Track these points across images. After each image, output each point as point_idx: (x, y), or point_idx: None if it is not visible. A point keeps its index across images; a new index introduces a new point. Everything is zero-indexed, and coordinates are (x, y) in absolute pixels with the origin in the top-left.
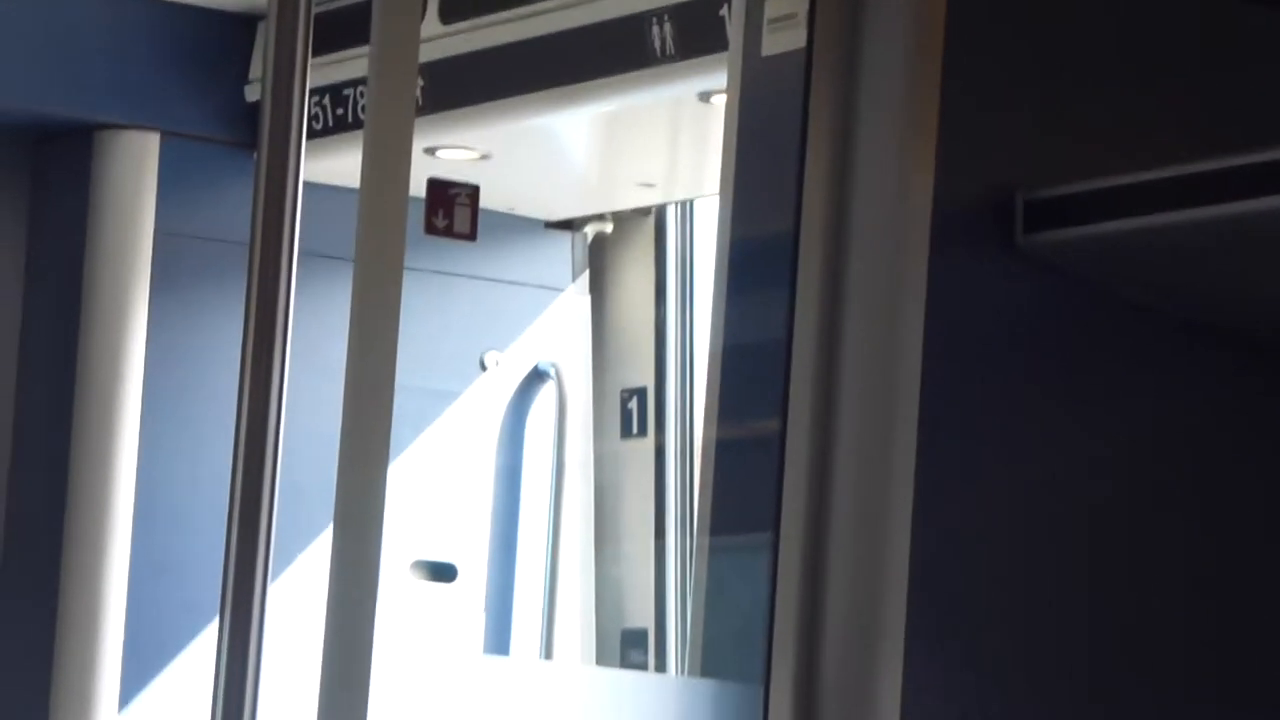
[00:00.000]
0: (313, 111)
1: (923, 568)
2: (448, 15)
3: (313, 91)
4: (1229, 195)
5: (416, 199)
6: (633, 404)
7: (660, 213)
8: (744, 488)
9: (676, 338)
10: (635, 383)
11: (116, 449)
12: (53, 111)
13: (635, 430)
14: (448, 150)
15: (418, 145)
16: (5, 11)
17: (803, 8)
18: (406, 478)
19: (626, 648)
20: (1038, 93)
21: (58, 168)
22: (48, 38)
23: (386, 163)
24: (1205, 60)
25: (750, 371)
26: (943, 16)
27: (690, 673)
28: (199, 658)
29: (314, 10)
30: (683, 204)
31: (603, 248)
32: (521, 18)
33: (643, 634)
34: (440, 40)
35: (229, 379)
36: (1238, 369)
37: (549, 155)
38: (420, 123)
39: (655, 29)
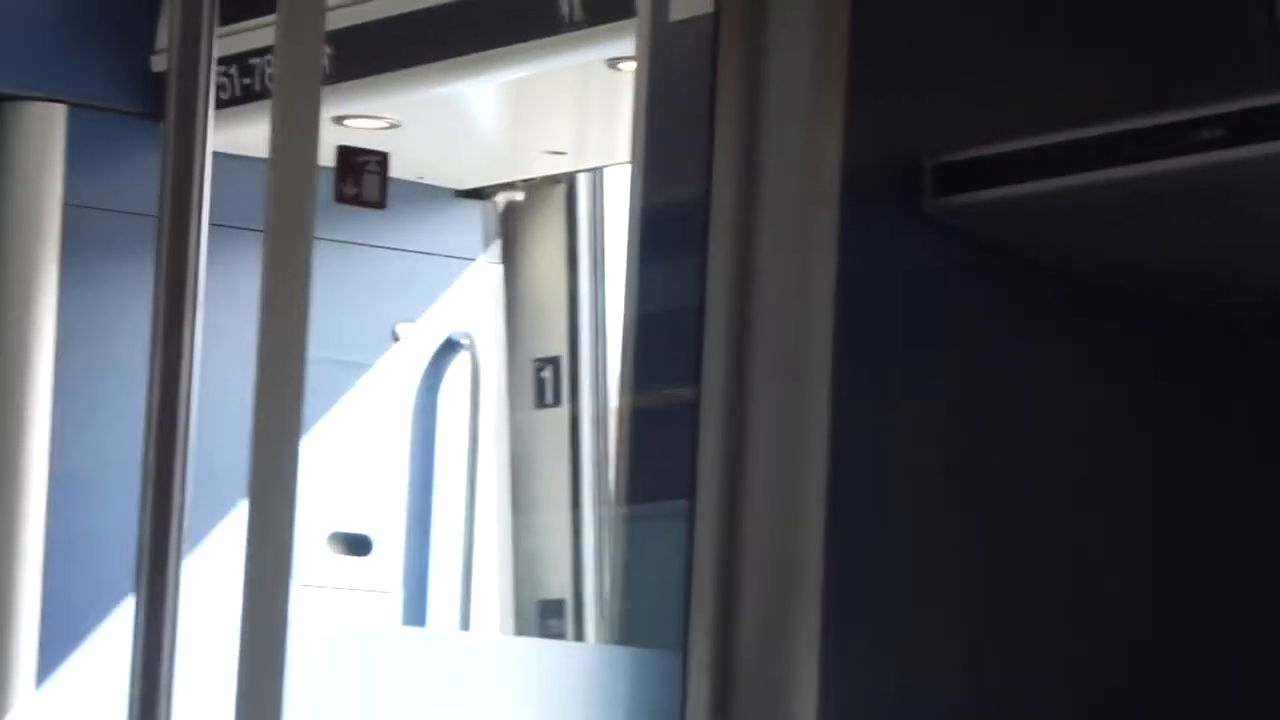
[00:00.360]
0: (220, 81)
1: (840, 533)
2: None
3: (220, 61)
4: (1134, 158)
5: (326, 168)
6: (547, 373)
7: (571, 181)
8: (659, 456)
9: (590, 306)
10: (549, 352)
11: (29, 423)
12: None
13: (549, 399)
14: (356, 119)
15: (326, 114)
16: None
17: None
18: (321, 450)
19: (544, 617)
20: (945, 56)
21: None
22: None
23: (295, 132)
24: (1110, 23)
25: (663, 339)
26: None
27: (607, 641)
28: (115, 634)
29: None
30: (594, 172)
31: (514, 216)
32: None
33: (560, 603)
34: (348, 8)
35: (140, 352)
36: (1144, 330)
37: (458, 123)
38: (328, 91)
39: None
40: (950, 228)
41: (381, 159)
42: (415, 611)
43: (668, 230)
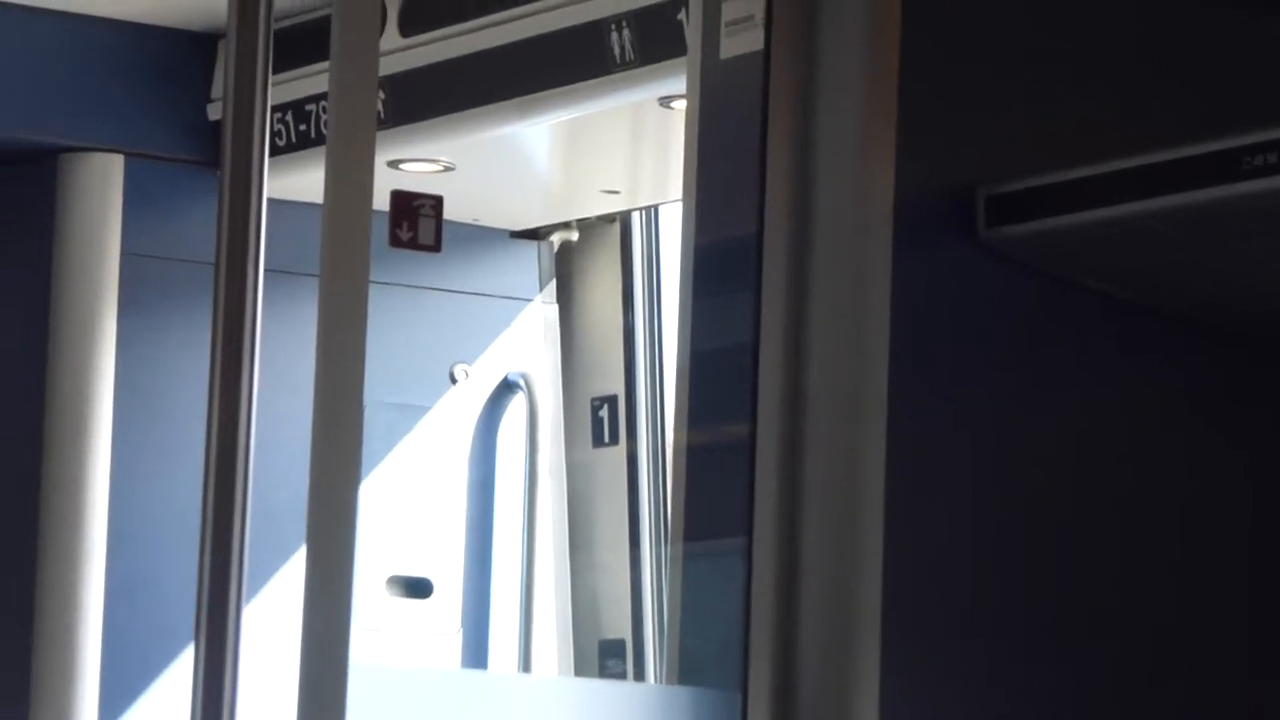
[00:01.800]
0: (275, 128)
1: (896, 567)
2: (407, 27)
3: (275, 108)
4: (1183, 186)
5: (380, 212)
6: (604, 412)
7: (626, 219)
8: (717, 493)
9: (645, 344)
10: (605, 390)
11: (88, 471)
12: (15, 135)
13: (607, 438)
14: (411, 163)
15: (380, 159)
16: None
17: (760, 10)
18: (379, 493)
19: (604, 658)
20: (994, 88)
21: (22, 191)
22: (8, 61)
23: (349, 176)
24: (1158, 52)
25: (718, 376)
26: (899, 15)
27: (668, 681)
28: (176, 680)
29: (274, 27)
30: (648, 210)
31: (569, 256)
32: (480, 28)
33: (620, 643)
34: (400, 53)
35: (200, 398)
36: (1196, 355)
37: (512, 165)
38: (382, 136)
39: (614, 35)
40: (1003, 257)
41: (436, 203)
42: (476, 653)
43: (721, 266)
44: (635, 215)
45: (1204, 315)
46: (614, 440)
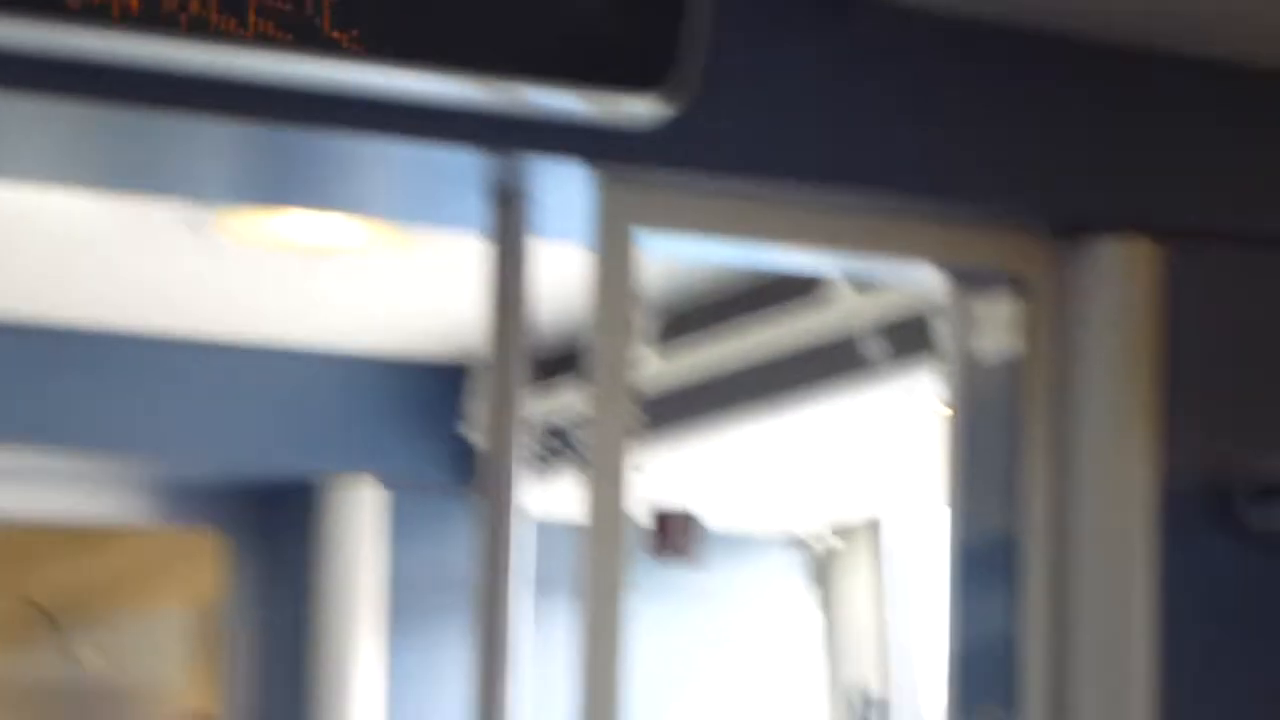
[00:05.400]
0: (534, 450)
1: None
2: (663, 347)
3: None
4: None
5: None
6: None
7: (877, 524)
8: None
9: (901, 640)
10: (863, 683)
11: None
12: (280, 467)
13: None
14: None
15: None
16: (237, 376)
17: (1014, 316)
18: None
19: None
20: (1254, 376)
21: (288, 519)
22: (274, 399)
23: (607, 491)
24: None
25: (984, 670)
26: (1155, 311)
27: None
28: None
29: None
30: (900, 513)
31: (829, 561)
32: (733, 348)
33: None
34: (655, 372)
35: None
36: None
37: (772, 475)
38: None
39: (871, 345)
40: (1268, 543)
41: (695, 519)
42: None
43: (986, 566)
44: (890, 519)
45: None
46: None
